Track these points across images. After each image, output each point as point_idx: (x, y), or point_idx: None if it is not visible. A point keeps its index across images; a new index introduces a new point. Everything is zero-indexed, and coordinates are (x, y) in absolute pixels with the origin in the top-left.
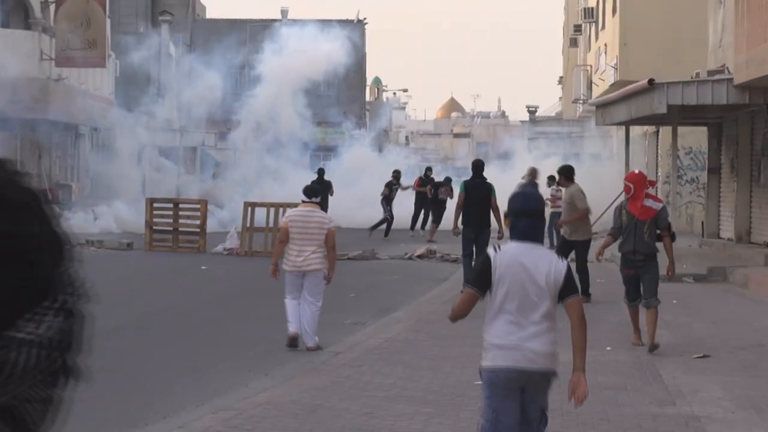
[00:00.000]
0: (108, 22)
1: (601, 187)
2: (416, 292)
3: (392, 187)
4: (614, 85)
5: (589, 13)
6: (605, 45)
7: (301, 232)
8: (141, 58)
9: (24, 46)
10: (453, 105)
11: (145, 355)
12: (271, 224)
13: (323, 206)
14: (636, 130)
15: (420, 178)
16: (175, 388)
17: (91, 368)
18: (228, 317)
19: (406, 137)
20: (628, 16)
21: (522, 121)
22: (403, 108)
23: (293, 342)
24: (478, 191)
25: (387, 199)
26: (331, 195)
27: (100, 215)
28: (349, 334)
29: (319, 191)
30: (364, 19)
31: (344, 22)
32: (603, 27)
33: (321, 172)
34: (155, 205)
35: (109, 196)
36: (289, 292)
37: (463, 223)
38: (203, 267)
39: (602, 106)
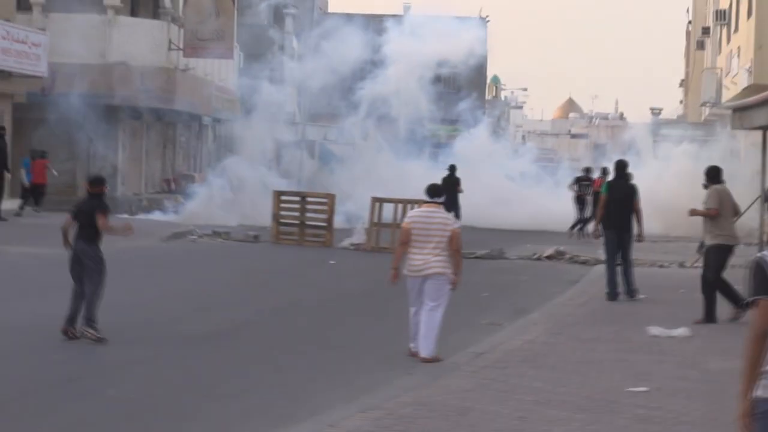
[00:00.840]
0: (235, 13)
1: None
2: (549, 294)
3: (581, 184)
4: (747, 89)
5: (721, 16)
6: (738, 48)
7: (423, 234)
8: (264, 51)
9: (153, 35)
10: (570, 105)
11: (285, 347)
12: (399, 220)
13: (453, 204)
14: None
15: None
16: (320, 383)
17: (231, 359)
18: (361, 313)
19: (523, 136)
20: (764, 18)
21: (644, 123)
22: (521, 107)
23: (417, 355)
24: (622, 192)
25: (580, 199)
26: (461, 192)
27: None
28: (486, 335)
29: (442, 191)
30: (486, 16)
31: (466, 19)
32: (736, 29)
33: (452, 168)
34: (282, 197)
35: (232, 188)
36: (412, 302)
37: (604, 226)
38: (332, 261)
39: (740, 109)
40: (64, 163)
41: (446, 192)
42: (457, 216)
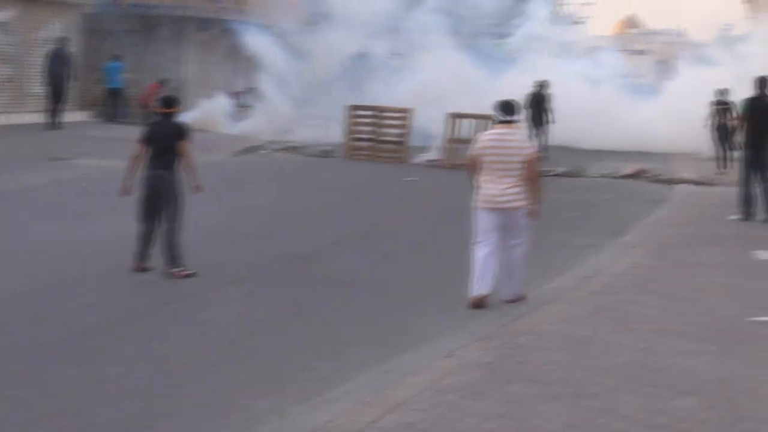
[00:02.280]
0: None
1: None
2: (637, 214)
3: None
4: None
5: None
6: None
7: (498, 161)
8: None
9: None
10: (631, 21)
11: (378, 270)
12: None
13: (541, 127)
14: None
15: None
16: (424, 309)
17: (331, 280)
18: (447, 234)
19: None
20: None
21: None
22: (584, 23)
23: (479, 304)
24: (764, 109)
25: (722, 128)
26: (551, 112)
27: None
28: (585, 257)
29: (517, 108)
30: None
31: None
32: None
33: (542, 85)
34: (358, 112)
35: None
36: (482, 237)
37: (744, 145)
38: (411, 178)
39: None
40: (134, 74)
41: (535, 113)
42: (544, 142)
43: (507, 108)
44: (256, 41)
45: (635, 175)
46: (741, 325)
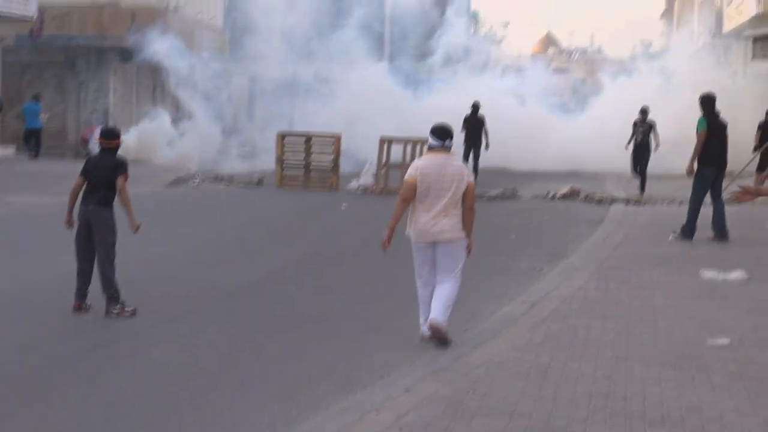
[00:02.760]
0: None
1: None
2: (577, 235)
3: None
4: (756, 18)
5: None
6: None
7: (434, 188)
8: None
9: None
10: (549, 40)
11: (323, 304)
12: (407, 160)
13: (477, 151)
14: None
15: None
16: (376, 342)
17: (276, 315)
18: (391, 264)
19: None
20: None
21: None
22: (500, 43)
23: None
24: (720, 128)
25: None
26: (486, 135)
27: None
28: (530, 281)
29: (451, 132)
30: None
31: None
32: None
33: (476, 106)
34: (286, 139)
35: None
36: (420, 273)
37: (702, 163)
38: (344, 205)
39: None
40: (55, 107)
41: (472, 136)
42: (476, 166)
43: (441, 133)
44: (179, 69)
45: (569, 196)
46: (700, 349)
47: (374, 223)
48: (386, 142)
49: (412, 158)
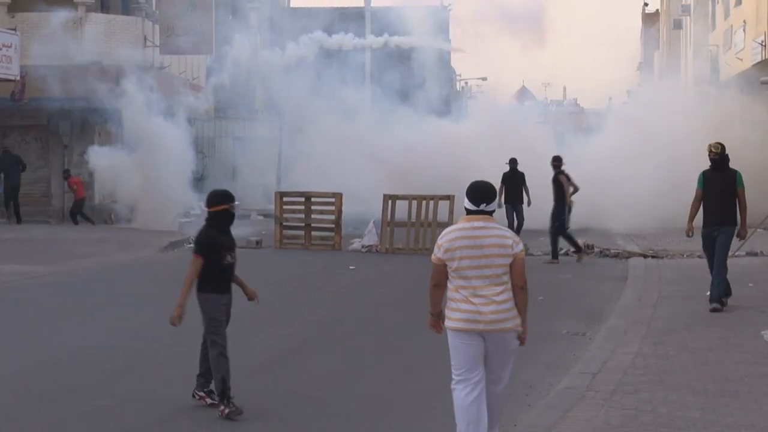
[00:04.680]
0: (214, 6)
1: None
2: (607, 294)
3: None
4: (760, 64)
5: None
6: (744, 22)
7: (472, 265)
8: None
9: (127, 32)
10: (524, 93)
11: (361, 380)
12: (413, 218)
13: (519, 211)
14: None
15: None
16: (429, 411)
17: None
18: (413, 327)
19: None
20: None
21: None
22: (476, 98)
23: None
24: (719, 183)
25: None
26: (528, 201)
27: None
28: (578, 348)
29: (492, 193)
30: (449, 5)
31: (427, 8)
32: (738, 3)
33: (514, 162)
34: (285, 199)
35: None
36: (464, 373)
37: (703, 223)
38: (351, 267)
39: None
40: (38, 171)
41: (512, 195)
42: (520, 229)
43: (478, 194)
44: (159, 130)
45: (583, 251)
46: None
47: (389, 285)
48: (390, 199)
49: (418, 216)
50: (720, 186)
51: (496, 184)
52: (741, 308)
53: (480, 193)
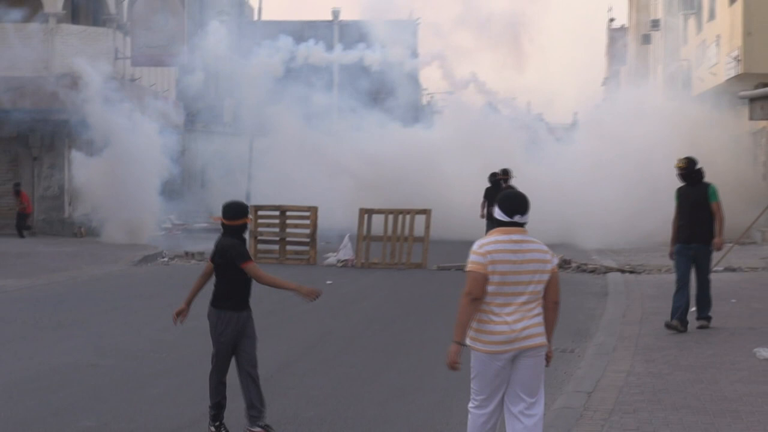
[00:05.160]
0: (185, 18)
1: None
2: (591, 310)
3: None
4: (735, 78)
5: (690, 5)
6: (717, 36)
7: (510, 280)
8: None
9: (98, 44)
10: (489, 108)
11: (353, 399)
12: (389, 232)
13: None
14: (743, 129)
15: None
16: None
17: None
18: (416, 342)
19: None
20: (752, 3)
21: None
22: (442, 112)
23: None
24: (694, 196)
25: None
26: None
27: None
28: (568, 366)
29: (526, 204)
30: (418, 18)
31: (397, 22)
32: (711, 18)
33: (494, 176)
34: (260, 213)
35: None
36: (487, 396)
37: (678, 240)
38: (328, 282)
39: (761, 98)
40: (7, 183)
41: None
42: None
43: (515, 205)
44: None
45: (560, 267)
46: None
47: (369, 299)
48: (366, 213)
49: (394, 230)
50: (691, 201)
51: (473, 193)
52: (728, 325)
53: (514, 203)
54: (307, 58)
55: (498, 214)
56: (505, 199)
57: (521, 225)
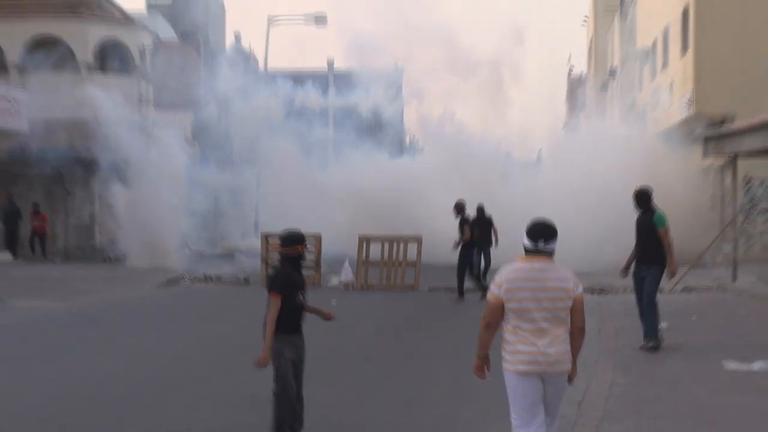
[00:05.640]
0: (202, 65)
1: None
2: None
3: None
4: (687, 120)
5: (645, 56)
6: (671, 82)
7: (532, 307)
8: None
9: (124, 91)
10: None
11: (370, 410)
12: (385, 257)
13: (487, 249)
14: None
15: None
16: None
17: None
18: (421, 356)
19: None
20: (701, 53)
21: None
22: (422, 150)
23: None
24: (646, 224)
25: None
26: (496, 242)
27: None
28: None
29: (552, 231)
30: (402, 66)
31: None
32: (665, 66)
33: (481, 209)
34: (270, 240)
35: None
36: (522, 418)
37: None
38: (333, 302)
39: (721, 137)
40: (48, 215)
41: (481, 239)
42: (486, 270)
43: (539, 231)
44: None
45: None
46: None
47: (375, 317)
48: (365, 241)
49: (390, 256)
50: (644, 228)
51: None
52: (694, 339)
53: (538, 230)
54: (305, 101)
55: (524, 240)
56: (531, 225)
57: (547, 252)
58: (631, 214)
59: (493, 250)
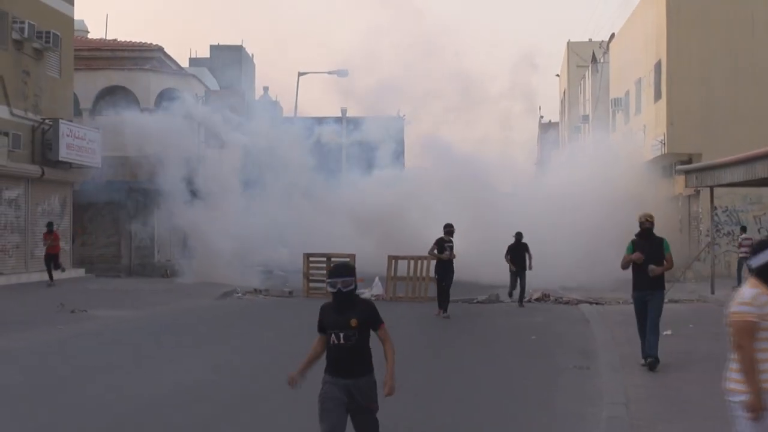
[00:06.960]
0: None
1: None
2: (584, 333)
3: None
4: (660, 158)
5: (618, 103)
6: (644, 126)
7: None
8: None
9: (182, 130)
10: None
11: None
12: (411, 273)
13: (522, 273)
14: (663, 193)
15: None
16: None
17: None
18: (475, 362)
19: None
20: (673, 100)
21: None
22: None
23: None
24: (648, 250)
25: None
26: (530, 266)
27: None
28: (591, 380)
29: None
30: (404, 115)
31: (388, 118)
32: (638, 112)
33: (519, 235)
34: (311, 259)
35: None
36: None
37: (634, 287)
38: None
39: (702, 170)
40: (111, 237)
41: (517, 263)
42: (522, 292)
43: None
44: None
45: (541, 299)
46: None
47: (409, 327)
48: (394, 260)
49: (415, 272)
50: (648, 252)
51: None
52: (700, 346)
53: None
54: (322, 136)
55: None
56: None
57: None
58: (607, 237)
59: (528, 274)
